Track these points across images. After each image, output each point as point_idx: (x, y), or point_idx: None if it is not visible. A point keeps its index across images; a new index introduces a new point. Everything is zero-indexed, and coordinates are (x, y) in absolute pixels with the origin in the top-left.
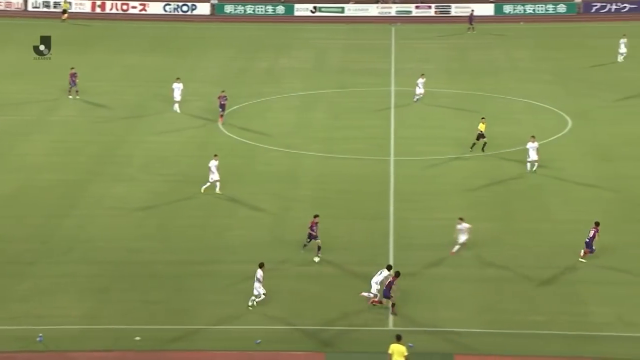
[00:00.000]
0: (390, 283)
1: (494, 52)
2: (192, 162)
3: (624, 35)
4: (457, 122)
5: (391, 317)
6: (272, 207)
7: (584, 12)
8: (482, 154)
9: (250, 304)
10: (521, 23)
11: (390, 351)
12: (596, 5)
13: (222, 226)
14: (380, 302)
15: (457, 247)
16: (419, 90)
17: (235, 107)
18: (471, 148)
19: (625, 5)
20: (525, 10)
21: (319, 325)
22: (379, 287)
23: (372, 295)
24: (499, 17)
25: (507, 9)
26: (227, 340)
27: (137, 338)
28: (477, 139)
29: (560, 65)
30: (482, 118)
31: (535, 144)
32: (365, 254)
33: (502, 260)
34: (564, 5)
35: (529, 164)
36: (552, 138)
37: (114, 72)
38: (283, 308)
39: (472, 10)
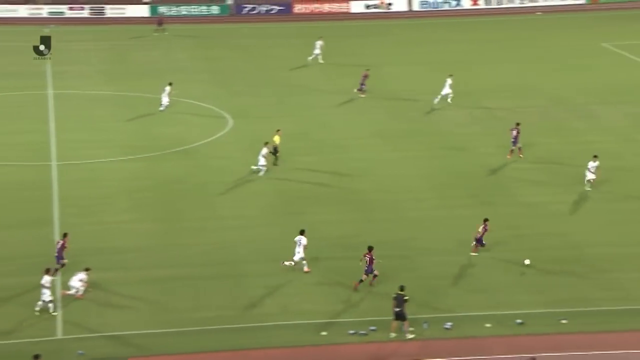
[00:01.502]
0: (370, 260)
1: (154, 53)
2: None
3: (321, 37)
4: (120, 125)
5: (60, 327)
6: None
7: (236, 13)
8: (149, 154)
9: (52, 310)
10: (162, 25)
11: None
12: (247, 7)
13: None
14: (362, 280)
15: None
16: (165, 100)
17: None
18: (274, 163)
19: (274, 7)
20: (180, 12)
21: None
22: (302, 255)
23: (293, 263)
24: (155, 18)
25: (163, 10)
26: None
27: None
28: (274, 152)
29: (218, 65)
30: (278, 130)
31: (265, 150)
32: (29, 262)
33: (169, 260)
34: (217, 7)
35: (255, 168)
36: (215, 137)
37: None
38: None
39: (163, 13)
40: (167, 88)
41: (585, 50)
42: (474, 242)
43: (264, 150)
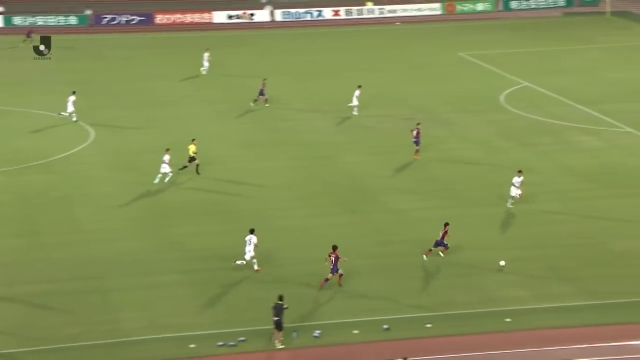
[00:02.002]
0: (336, 258)
1: (6, 65)
2: None
3: (207, 49)
4: None
5: None
6: None
7: (95, 24)
8: (7, 168)
9: None
10: (31, 36)
11: None
12: (106, 17)
13: None
14: (328, 279)
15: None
16: (70, 108)
17: None
18: (180, 169)
19: (134, 17)
20: (36, 22)
21: None
22: (253, 253)
23: (244, 262)
24: (8, 28)
25: (17, 20)
26: None
27: None
28: (189, 161)
29: (79, 76)
30: (193, 140)
31: (167, 157)
32: None
33: (34, 275)
34: (74, 17)
35: (159, 177)
36: (76, 149)
37: None
38: None
39: (34, 23)
40: (72, 97)
41: (444, 60)
42: (433, 247)
43: (166, 157)
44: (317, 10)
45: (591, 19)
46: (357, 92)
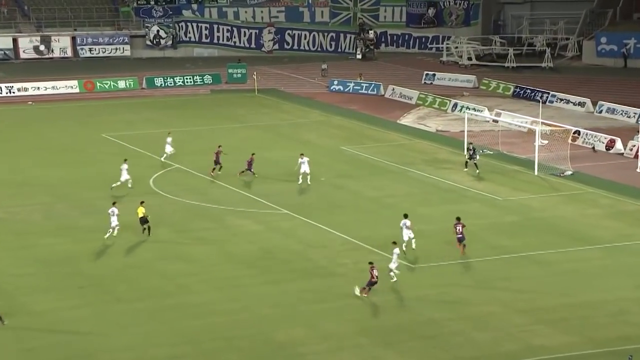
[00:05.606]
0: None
1: None
2: None
3: (169, 132)
4: None
5: None
6: None
7: None
8: None
9: None
10: None
11: None
12: None
13: None
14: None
15: None
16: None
17: None
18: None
19: None
20: None
21: None
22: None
23: None
24: None
25: None
26: None
27: None
28: (143, 223)
29: None
30: (142, 202)
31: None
32: None
33: None
34: None
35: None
36: None
37: None
38: None
39: None
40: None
41: (86, 141)
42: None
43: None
44: None
45: (240, 96)
46: (125, 166)
